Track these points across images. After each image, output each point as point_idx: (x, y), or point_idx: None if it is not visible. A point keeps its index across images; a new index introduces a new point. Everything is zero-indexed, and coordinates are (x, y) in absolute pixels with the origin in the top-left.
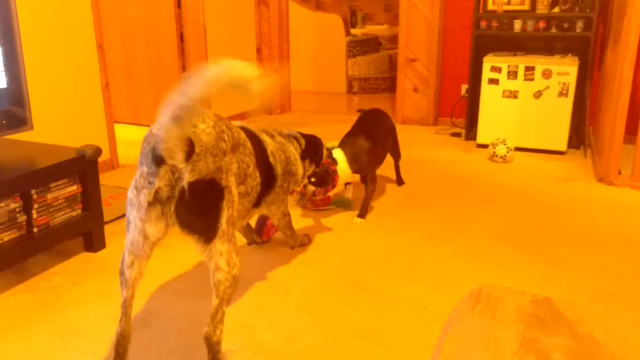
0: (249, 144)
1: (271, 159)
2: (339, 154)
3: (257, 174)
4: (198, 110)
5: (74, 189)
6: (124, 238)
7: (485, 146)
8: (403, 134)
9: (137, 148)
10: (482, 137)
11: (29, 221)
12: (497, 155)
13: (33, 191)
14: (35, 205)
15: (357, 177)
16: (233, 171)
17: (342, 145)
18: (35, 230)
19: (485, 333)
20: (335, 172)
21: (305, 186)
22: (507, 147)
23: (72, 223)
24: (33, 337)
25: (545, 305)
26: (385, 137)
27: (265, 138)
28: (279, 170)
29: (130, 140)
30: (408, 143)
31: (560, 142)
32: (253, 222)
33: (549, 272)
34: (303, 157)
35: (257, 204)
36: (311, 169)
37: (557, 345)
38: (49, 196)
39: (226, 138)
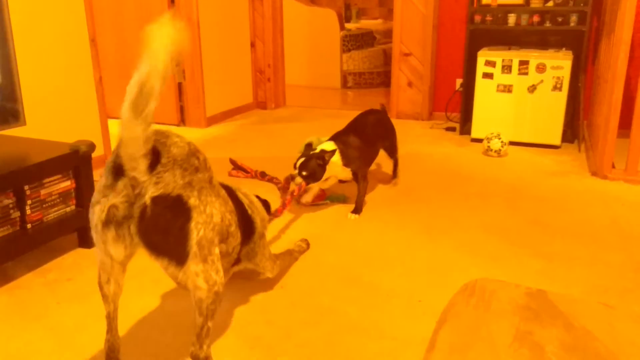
0: (230, 202)
1: (249, 211)
2: (330, 146)
3: (239, 234)
4: (154, 91)
5: (67, 184)
6: None
7: (479, 140)
8: (398, 128)
9: None
10: (476, 131)
11: (23, 217)
12: (491, 150)
13: (26, 187)
14: (29, 201)
15: (350, 175)
16: (216, 223)
17: (334, 140)
18: (29, 226)
19: (480, 326)
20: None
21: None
22: (502, 142)
23: (66, 219)
24: (27, 333)
25: (540, 298)
26: (377, 137)
27: (239, 194)
28: (257, 221)
29: None
30: (403, 138)
31: (555, 136)
32: None
33: (544, 265)
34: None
35: (237, 261)
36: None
37: (552, 338)
38: (43, 192)
39: (201, 158)
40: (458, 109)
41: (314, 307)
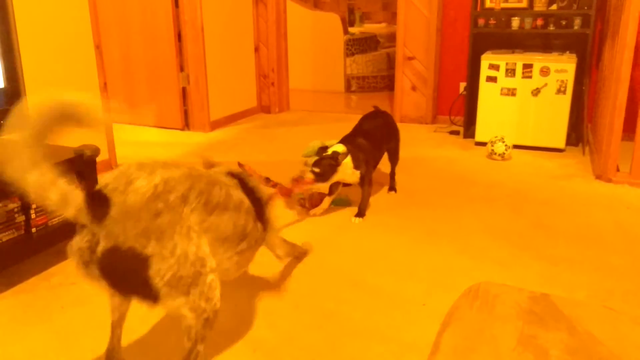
0: (246, 201)
1: (259, 194)
2: (342, 148)
3: (259, 225)
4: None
5: None
6: None
7: (483, 144)
8: (401, 132)
9: (135, 148)
10: (480, 135)
11: (28, 221)
12: (495, 153)
13: None
14: (34, 206)
15: (357, 178)
16: (224, 233)
17: (344, 143)
18: (33, 230)
19: (484, 330)
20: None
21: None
22: (506, 145)
23: (71, 223)
24: (32, 337)
25: (544, 302)
26: (383, 140)
27: (251, 182)
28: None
29: (128, 140)
30: (406, 141)
31: (559, 139)
32: None
33: (548, 269)
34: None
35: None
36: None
37: (555, 342)
38: None
39: (171, 199)
40: (462, 112)
41: (317, 311)
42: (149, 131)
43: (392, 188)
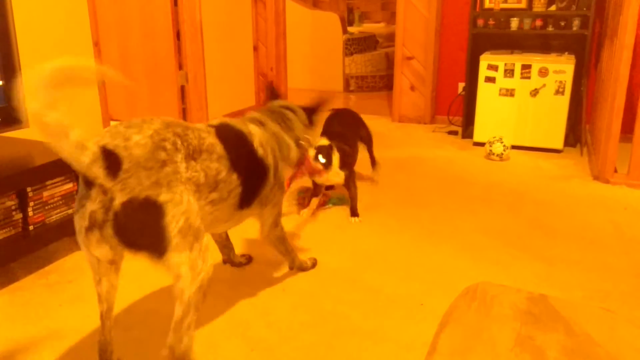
0: (218, 148)
1: (260, 151)
2: (325, 142)
3: (234, 177)
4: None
5: (70, 186)
6: None
7: (482, 144)
8: (400, 132)
9: None
10: (478, 135)
11: (25, 219)
12: (493, 154)
13: (29, 189)
14: (31, 203)
15: (342, 179)
16: (197, 181)
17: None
18: (31, 228)
19: (481, 330)
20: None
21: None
22: (504, 145)
23: (68, 221)
24: (29, 335)
25: (541, 302)
26: (356, 136)
27: (251, 129)
28: (270, 160)
29: None
30: (405, 141)
31: (557, 140)
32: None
33: (545, 270)
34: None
35: (246, 203)
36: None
37: (553, 343)
38: (45, 194)
39: (169, 146)
40: (460, 112)
41: (315, 310)
42: None
43: (373, 164)
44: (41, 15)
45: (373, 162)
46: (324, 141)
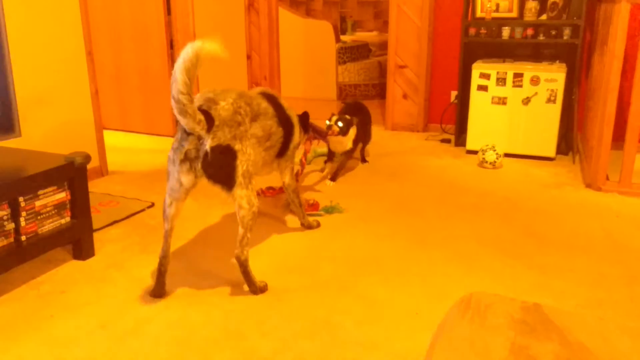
0: (270, 110)
1: (290, 113)
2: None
3: (280, 129)
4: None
5: (62, 196)
6: (113, 246)
7: (474, 152)
8: (393, 140)
9: (126, 155)
10: (471, 143)
11: (17, 229)
12: (486, 161)
13: (21, 199)
14: (24, 213)
15: (347, 148)
16: (257, 135)
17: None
18: (23, 238)
19: (476, 340)
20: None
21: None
22: (497, 153)
23: (61, 231)
24: (20, 346)
25: (535, 312)
26: (365, 128)
27: (282, 101)
28: (294, 120)
29: (119, 147)
30: (398, 149)
31: (549, 148)
32: None
33: (539, 278)
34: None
35: (282, 152)
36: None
37: (547, 352)
38: (38, 204)
39: (242, 112)
40: (453, 121)
41: (309, 319)
42: (139, 138)
43: (364, 160)
44: (34, 25)
45: (363, 158)
46: (347, 117)
